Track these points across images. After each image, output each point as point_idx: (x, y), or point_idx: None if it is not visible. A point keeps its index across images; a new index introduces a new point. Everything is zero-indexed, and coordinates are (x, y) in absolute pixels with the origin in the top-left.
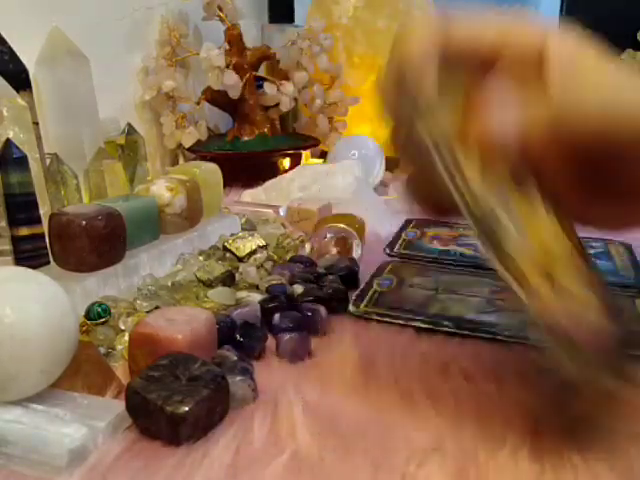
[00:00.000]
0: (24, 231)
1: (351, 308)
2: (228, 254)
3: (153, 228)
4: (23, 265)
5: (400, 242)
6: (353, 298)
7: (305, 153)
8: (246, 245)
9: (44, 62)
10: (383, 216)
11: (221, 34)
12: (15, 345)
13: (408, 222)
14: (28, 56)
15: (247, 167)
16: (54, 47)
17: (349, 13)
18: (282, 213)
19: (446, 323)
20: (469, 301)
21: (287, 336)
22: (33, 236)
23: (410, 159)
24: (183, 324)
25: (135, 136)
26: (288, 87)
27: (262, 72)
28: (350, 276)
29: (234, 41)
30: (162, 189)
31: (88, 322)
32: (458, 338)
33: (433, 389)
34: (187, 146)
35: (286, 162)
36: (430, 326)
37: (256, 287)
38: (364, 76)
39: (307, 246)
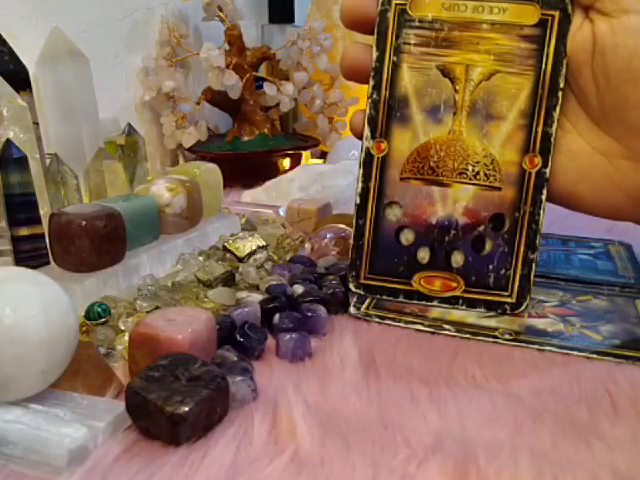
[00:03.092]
0: (24, 231)
1: (352, 310)
2: (228, 254)
3: (153, 228)
4: (23, 265)
5: None
6: (354, 299)
7: (305, 153)
8: (246, 245)
9: (44, 62)
10: None
11: (221, 34)
12: (15, 345)
13: None
14: (28, 56)
15: (247, 167)
16: (54, 47)
17: None
18: (282, 213)
19: (447, 327)
20: None
21: (287, 336)
22: (33, 236)
23: None
24: (183, 324)
25: (135, 136)
26: (288, 87)
27: (262, 72)
28: None
29: (234, 41)
30: (162, 189)
31: (88, 322)
32: (458, 339)
33: (433, 389)
34: (187, 146)
35: (286, 162)
36: (431, 329)
37: (256, 287)
38: None
39: (307, 246)
